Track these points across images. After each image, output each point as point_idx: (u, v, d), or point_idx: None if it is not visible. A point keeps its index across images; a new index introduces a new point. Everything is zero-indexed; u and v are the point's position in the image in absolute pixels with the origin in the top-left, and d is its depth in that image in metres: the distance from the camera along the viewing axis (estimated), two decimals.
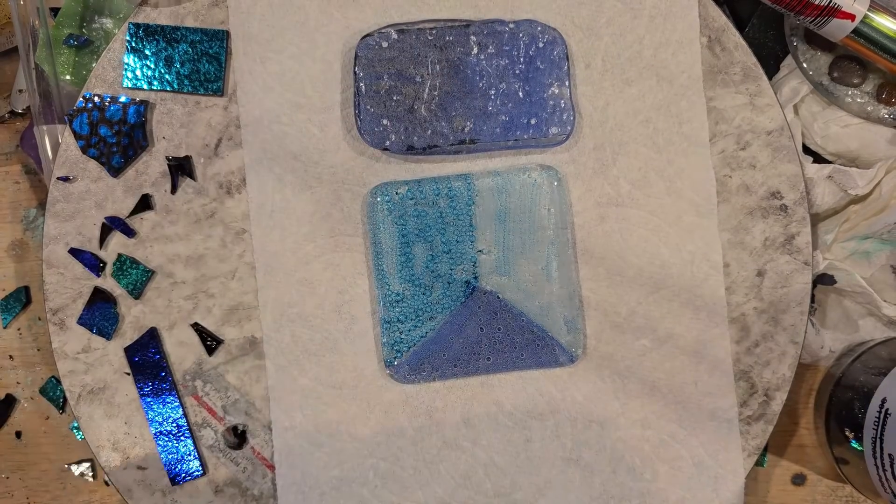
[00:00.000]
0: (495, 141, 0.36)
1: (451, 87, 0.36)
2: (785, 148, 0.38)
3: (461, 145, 0.37)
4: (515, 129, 0.37)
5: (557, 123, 0.37)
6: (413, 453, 0.38)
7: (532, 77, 0.36)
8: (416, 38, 0.36)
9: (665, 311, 0.38)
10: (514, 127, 0.37)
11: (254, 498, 0.38)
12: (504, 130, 0.36)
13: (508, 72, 0.36)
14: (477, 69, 0.36)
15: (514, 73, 0.36)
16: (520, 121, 0.36)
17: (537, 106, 0.36)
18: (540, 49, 0.36)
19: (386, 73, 0.36)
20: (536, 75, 0.36)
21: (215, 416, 0.38)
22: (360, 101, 0.36)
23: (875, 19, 0.36)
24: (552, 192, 0.37)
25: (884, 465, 0.35)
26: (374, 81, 0.36)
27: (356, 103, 0.37)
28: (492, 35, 0.36)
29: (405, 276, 0.37)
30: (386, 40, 0.36)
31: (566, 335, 0.37)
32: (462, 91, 0.36)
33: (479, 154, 0.38)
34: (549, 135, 0.36)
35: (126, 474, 0.38)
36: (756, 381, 0.38)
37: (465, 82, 0.37)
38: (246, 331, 0.38)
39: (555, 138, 0.37)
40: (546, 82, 0.37)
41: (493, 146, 0.37)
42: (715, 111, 0.38)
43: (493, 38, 0.36)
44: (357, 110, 0.37)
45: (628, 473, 0.38)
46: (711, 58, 0.38)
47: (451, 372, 0.38)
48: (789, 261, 0.38)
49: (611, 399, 0.38)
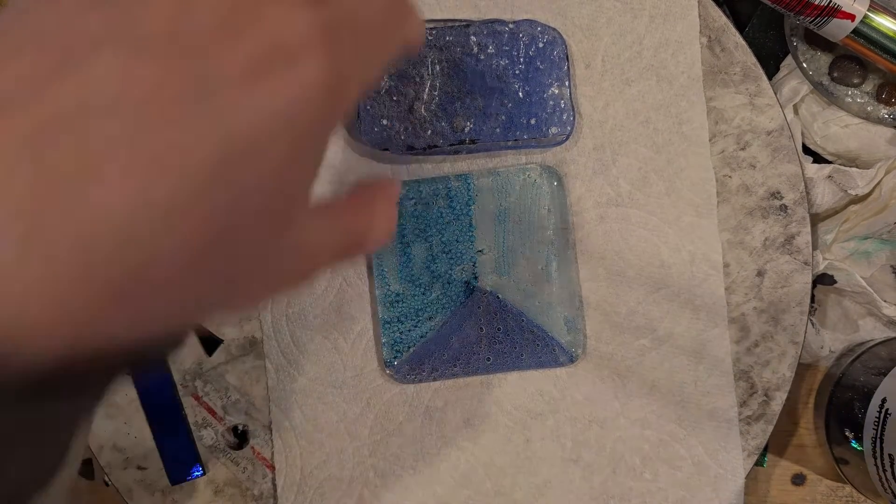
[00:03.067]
0: (495, 141, 0.36)
1: (450, 88, 0.36)
2: (785, 148, 0.38)
3: (461, 145, 0.36)
4: (515, 129, 0.36)
5: (557, 123, 0.36)
6: (413, 453, 0.38)
7: (532, 77, 0.36)
8: None
9: (665, 310, 0.38)
10: (513, 127, 0.36)
11: (254, 498, 0.38)
12: (504, 130, 0.36)
13: (508, 72, 0.36)
14: (477, 69, 0.36)
15: (514, 73, 0.36)
16: (519, 121, 0.36)
17: (537, 106, 0.36)
18: (540, 49, 0.36)
19: (385, 73, 0.36)
20: (536, 75, 0.36)
21: (215, 417, 0.38)
22: (359, 101, 0.36)
23: (875, 19, 0.36)
24: (552, 192, 0.37)
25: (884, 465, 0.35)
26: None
27: (356, 104, 0.36)
28: (492, 35, 0.36)
29: (405, 276, 0.37)
30: None
31: (566, 335, 0.37)
32: (462, 91, 0.36)
33: (478, 154, 0.38)
34: (548, 135, 0.36)
35: (126, 474, 0.38)
36: (756, 380, 0.38)
37: (465, 82, 0.36)
38: (246, 331, 0.38)
39: (554, 138, 0.37)
40: (546, 82, 0.36)
41: (493, 146, 0.37)
42: (715, 111, 0.38)
43: (493, 38, 0.36)
44: (356, 111, 0.36)
45: (628, 473, 0.38)
46: (711, 58, 0.38)
47: (450, 372, 0.38)
48: (789, 261, 0.38)
49: (611, 399, 0.38)
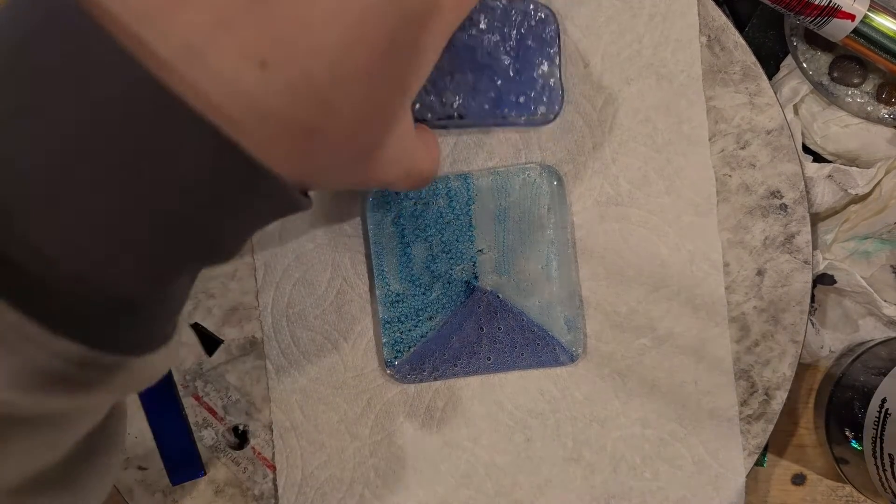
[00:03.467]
0: (483, 118, 0.36)
1: (441, 62, 0.35)
2: (785, 147, 0.38)
3: (449, 120, 0.36)
4: (503, 107, 0.36)
5: (545, 103, 0.36)
6: (414, 453, 0.38)
7: (522, 55, 0.36)
8: None
9: (665, 310, 0.38)
10: (502, 104, 0.36)
11: (254, 498, 0.38)
12: (492, 107, 0.36)
13: (499, 48, 0.36)
14: (468, 44, 0.36)
15: (504, 49, 0.36)
16: (508, 98, 0.36)
17: (526, 84, 0.36)
18: (531, 27, 0.36)
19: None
20: (527, 53, 0.36)
21: (216, 417, 0.38)
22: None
23: (875, 19, 0.36)
24: (552, 192, 0.37)
25: (884, 465, 0.35)
26: None
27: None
28: (484, 10, 0.35)
29: (405, 276, 0.37)
30: None
31: (566, 334, 0.37)
32: (452, 66, 0.36)
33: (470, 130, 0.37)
34: (536, 113, 0.36)
35: (126, 474, 0.38)
36: (756, 380, 0.38)
37: (455, 57, 0.36)
38: (246, 331, 0.38)
39: (543, 117, 0.36)
40: (536, 61, 0.36)
41: (481, 122, 0.36)
42: (714, 110, 0.38)
43: (486, 13, 0.35)
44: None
45: (629, 472, 0.38)
46: (711, 57, 0.38)
47: (451, 371, 0.38)
48: (789, 260, 0.38)
49: (611, 398, 0.38)
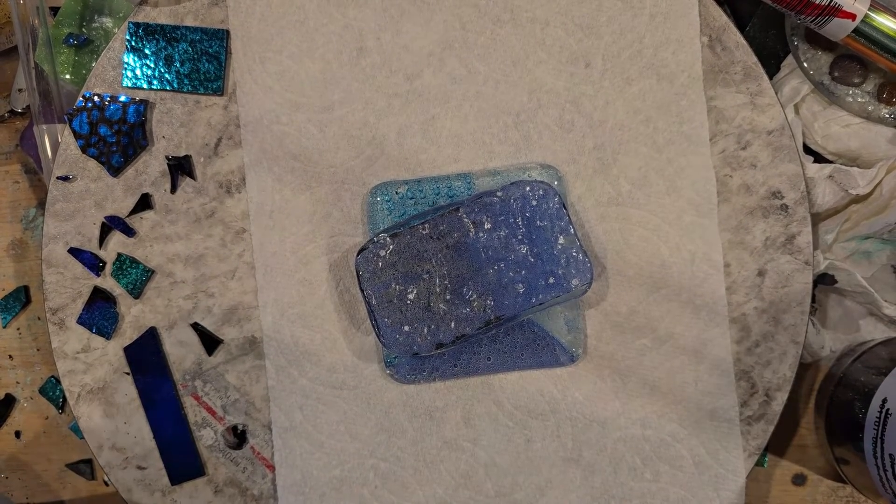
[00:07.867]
0: (522, 309, 0.35)
1: (459, 272, 0.35)
2: (785, 147, 0.38)
3: (489, 326, 0.35)
4: (537, 293, 0.35)
5: (576, 274, 0.35)
6: (413, 453, 0.38)
7: (536, 238, 0.35)
8: (411, 236, 0.35)
9: (665, 310, 0.38)
10: (534, 290, 0.35)
11: (254, 498, 0.38)
12: (526, 296, 0.35)
13: (512, 240, 0.35)
14: (480, 247, 0.35)
15: (517, 239, 0.35)
16: (538, 283, 0.35)
17: (550, 263, 0.35)
18: (535, 207, 0.35)
19: (392, 279, 0.35)
20: (540, 234, 0.35)
21: (215, 416, 0.38)
22: (374, 315, 0.35)
23: (876, 19, 0.36)
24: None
25: (884, 466, 0.35)
26: (382, 291, 0.35)
27: (372, 318, 0.35)
28: (483, 210, 0.35)
29: None
30: (382, 248, 0.35)
31: (566, 335, 0.37)
32: (471, 272, 0.35)
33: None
34: (571, 288, 0.35)
35: (126, 474, 0.38)
36: (757, 380, 0.38)
37: (472, 263, 0.35)
38: (246, 331, 0.38)
39: (579, 289, 0.36)
40: (551, 238, 0.35)
41: (523, 314, 0.36)
42: (715, 110, 0.38)
43: (486, 212, 0.35)
44: (375, 324, 0.35)
45: (629, 473, 0.38)
46: (712, 57, 0.38)
47: (451, 372, 0.38)
48: (790, 260, 0.38)
49: (611, 399, 0.38)
